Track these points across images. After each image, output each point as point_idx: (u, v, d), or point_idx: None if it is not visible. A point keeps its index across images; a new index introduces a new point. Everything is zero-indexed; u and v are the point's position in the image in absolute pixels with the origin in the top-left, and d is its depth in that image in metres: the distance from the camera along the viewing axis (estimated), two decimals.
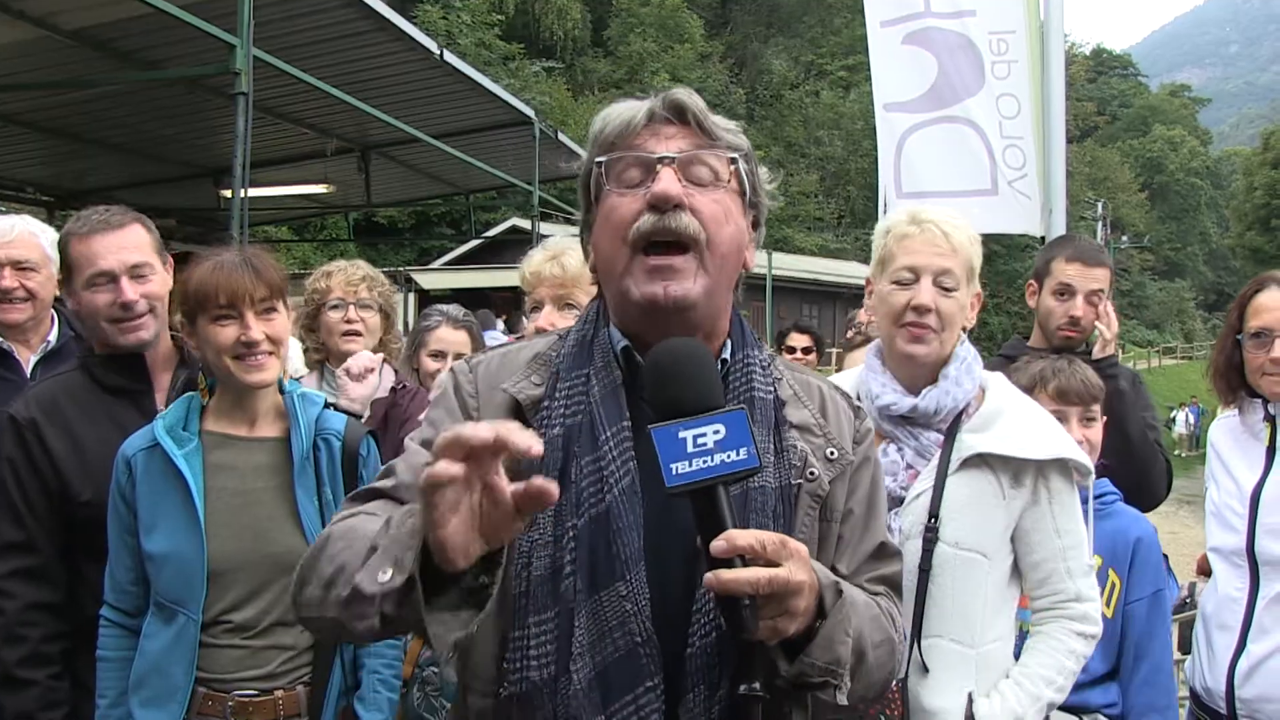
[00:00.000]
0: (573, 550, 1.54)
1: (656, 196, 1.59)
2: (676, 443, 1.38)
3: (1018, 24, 5.13)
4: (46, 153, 12.48)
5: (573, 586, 1.53)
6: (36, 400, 2.75)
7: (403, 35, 9.95)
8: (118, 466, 2.55)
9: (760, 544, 1.38)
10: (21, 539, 2.66)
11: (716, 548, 1.36)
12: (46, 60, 9.29)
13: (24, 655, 2.61)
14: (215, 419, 2.63)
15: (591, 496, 1.56)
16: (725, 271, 1.67)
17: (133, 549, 2.54)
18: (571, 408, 1.64)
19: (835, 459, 1.71)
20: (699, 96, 1.70)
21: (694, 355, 1.48)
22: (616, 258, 1.63)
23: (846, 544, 1.74)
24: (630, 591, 1.51)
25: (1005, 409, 2.51)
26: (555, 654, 1.53)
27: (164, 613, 2.50)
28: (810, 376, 1.84)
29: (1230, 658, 3.00)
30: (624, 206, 1.63)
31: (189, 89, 10.34)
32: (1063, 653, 2.48)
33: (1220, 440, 3.23)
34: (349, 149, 13.33)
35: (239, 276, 2.52)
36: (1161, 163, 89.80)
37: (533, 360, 1.75)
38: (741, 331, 1.77)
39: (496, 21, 43.16)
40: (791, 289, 34.62)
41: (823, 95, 58.94)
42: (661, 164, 1.62)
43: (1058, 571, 2.49)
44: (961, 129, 5.16)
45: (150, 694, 2.49)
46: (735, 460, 1.38)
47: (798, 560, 1.42)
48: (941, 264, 2.49)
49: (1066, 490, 2.50)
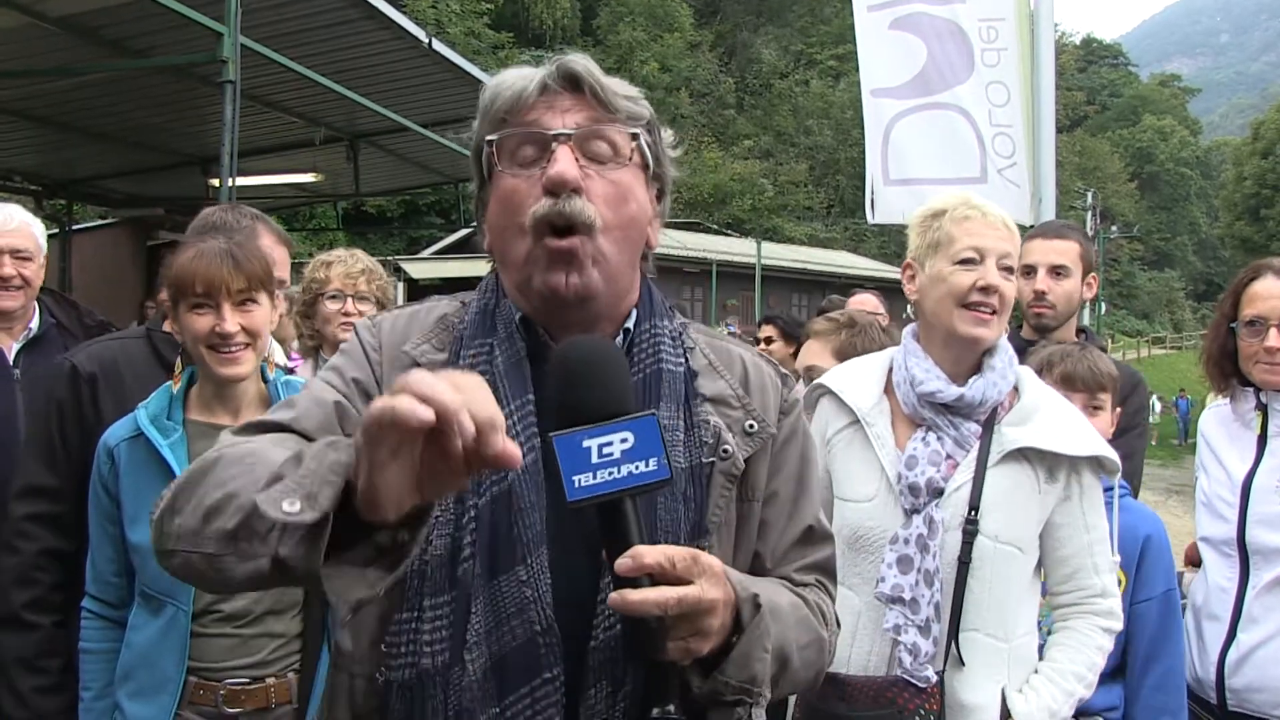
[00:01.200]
0: (473, 531, 1.44)
1: (552, 180, 1.48)
2: (580, 452, 1.27)
3: (1008, 11, 5.13)
4: (34, 141, 12.38)
5: (471, 570, 1.43)
6: (98, 358, 2.78)
7: (391, 24, 9.88)
8: (99, 456, 2.53)
9: (669, 561, 1.29)
10: (51, 484, 2.68)
11: (621, 566, 1.27)
12: (32, 48, 9.21)
13: (32, 598, 2.63)
14: (198, 408, 2.61)
15: (493, 474, 1.44)
16: (627, 253, 1.57)
17: (115, 540, 2.52)
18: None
19: (755, 431, 1.60)
20: (594, 63, 1.58)
21: (601, 356, 1.37)
22: (514, 243, 1.54)
23: (771, 528, 1.64)
24: (531, 577, 1.42)
25: (1042, 403, 2.51)
26: (449, 640, 1.42)
27: (151, 604, 2.48)
28: (732, 345, 1.73)
29: (1220, 648, 3.00)
30: (518, 188, 1.52)
31: (176, 77, 10.26)
32: (1091, 648, 2.48)
33: (1211, 429, 3.22)
34: (337, 138, 13.25)
35: (217, 266, 2.48)
36: (1151, 153, 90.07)
37: (439, 320, 1.64)
38: (650, 301, 1.66)
39: (486, 10, 43.02)
40: (781, 278, 34.64)
41: (812, 84, 58.92)
42: (557, 141, 1.51)
43: (1085, 567, 2.49)
44: (951, 116, 5.16)
45: (139, 685, 2.47)
46: (644, 472, 1.28)
47: (710, 577, 1.33)
48: (1005, 247, 2.48)
49: (1095, 486, 2.50)
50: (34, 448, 2.77)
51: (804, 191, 52.94)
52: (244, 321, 2.52)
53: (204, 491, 1.30)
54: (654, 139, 1.62)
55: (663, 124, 1.68)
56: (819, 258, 39.81)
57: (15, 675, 2.62)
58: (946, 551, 2.42)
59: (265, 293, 2.58)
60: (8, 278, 3.46)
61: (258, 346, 2.57)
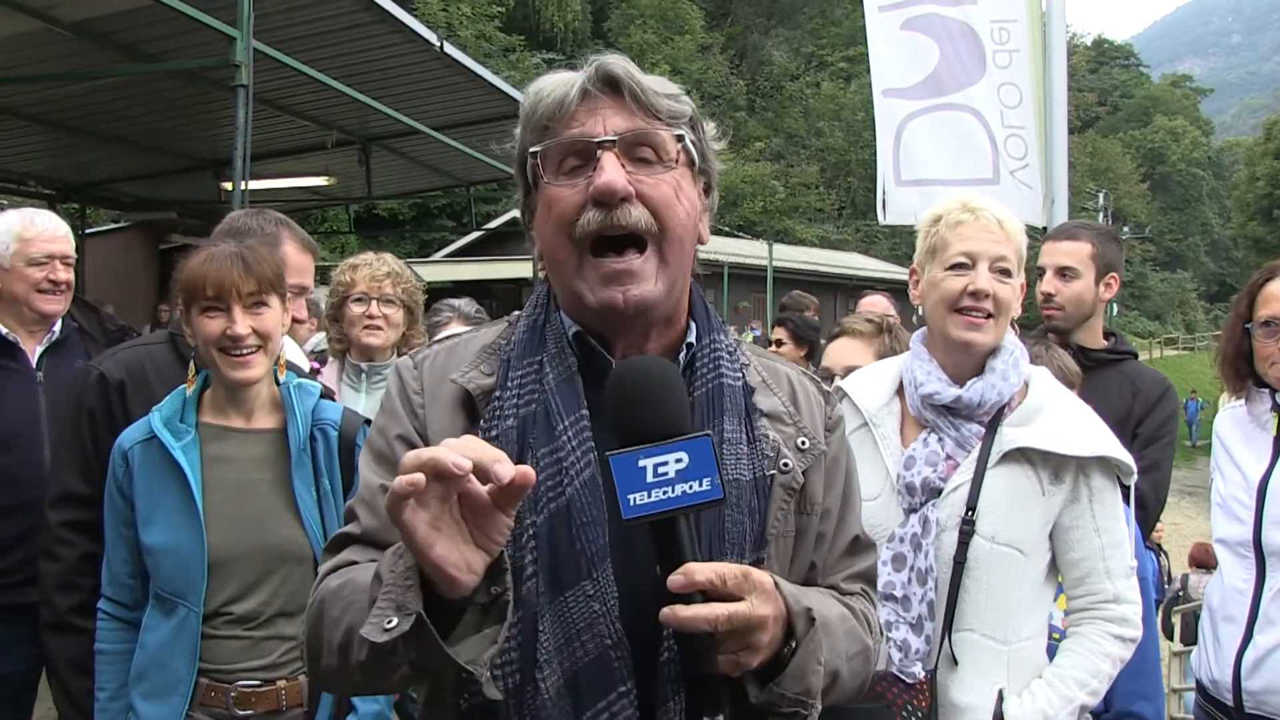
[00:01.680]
0: (533, 549, 1.44)
1: (600, 191, 1.46)
2: (635, 471, 1.29)
3: (1019, 13, 5.12)
4: (48, 146, 12.45)
5: (535, 589, 1.43)
6: (126, 365, 2.85)
7: (403, 27, 9.91)
8: (114, 460, 2.56)
9: (720, 578, 1.30)
10: (85, 492, 2.73)
11: (674, 583, 1.29)
12: (47, 53, 9.27)
13: (77, 603, 2.70)
14: (212, 411, 2.63)
15: (550, 490, 1.46)
16: (685, 257, 1.57)
17: (130, 542, 2.55)
18: (525, 397, 1.53)
19: (807, 449, 1.62)
20: (632, 64, 1.55)
21: (658, 376, 1.37)
22: (564, 256, 1.52)
23: (823, 540, 1.66)
24: (598, 591, 1.41)
25: (1048, 404, 2.49)
26: (520, 661, 1.43)
27: (164, 605, 2.50)
28: (778, 364, 1.75)
29: (1236, 650, 2.99)
30: (566, 199, 1.50)
31: (189, 81, 10.30)
32: (1098, 655, 2.44)
33: (1226, 431, 3.21)
34: (350, 141, 13.29)
35: (227, 269, 2.50)
36: (1163, 153, 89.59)
37: (482, 350, 1.64)
38: (706, 315, 1.66)
39: (497, 13, 43.03)
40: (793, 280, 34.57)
41: (823, 86, 58.85)
42: (602, 149, 1.48)
43: (1096, 571, 2.46)
44: (963, 117, 5.15)
45: (152, 686, 2.49)
46: (697, 491, 1.29)
47: (760, 593, 1.34)
48: (998, 250, 2.48)
49: (1108, 489, 2.47)
50: (67, 455, 2.82)
51: (815, 193, 52.84)
52: (255, 324, 2.53)
53: (330, 633, 1.42)
54: (698, 135, 1.60)
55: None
56: (830, 260, 39.74)
57: (68, 677, 2.71)
58: (943, 551, 2.43)
59: (276, 295, 2.60)
60: (59, 282, 3.54)
61: (269, 349, 2.58)
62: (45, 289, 3.52)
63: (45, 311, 3.55)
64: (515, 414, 1.52)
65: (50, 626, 2.75)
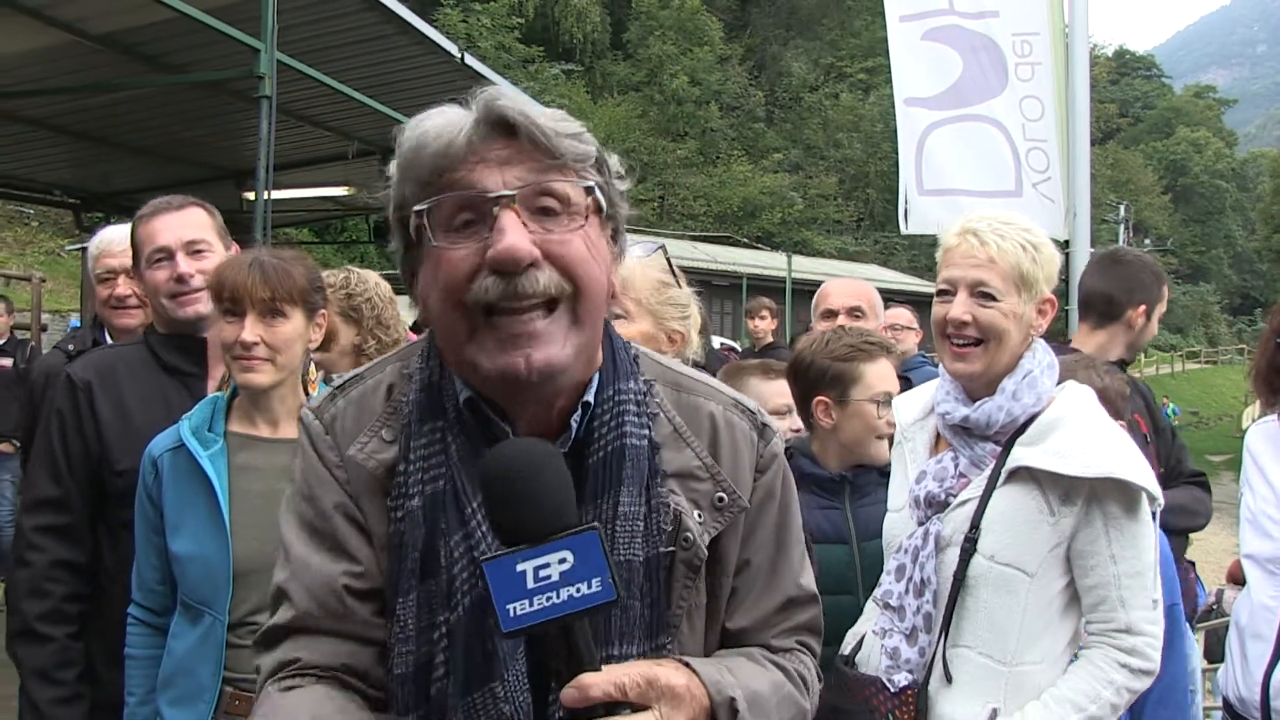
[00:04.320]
0: (445, 649, 1.31)
1: (500, 260, 1.26)
2: (513, 578, 1.15)
3: (1041, 26, 5.11)
4: (73, 156, 12.56)
5: (444, 688, 1.31)
6: (95, 365, 2.83)
7: (424, 39, 9.97)
8: (144, 467, 2.57)
9: (620, 690, 1.18)
10: (57, 495, 2.72)
11: (567, 698, 1.16)
12: (74, 65, 9.37)
13: (46, 610, 2.67)
14: (239, 420, 2.64)
15: (465, 583, 1.31)
16: (599, 316, 1.38)
17: (160, 549, 2.55)
18: (431, 472, 1.36)
19: (724, 505, 1.43)
20: (525, 98, 1.37)
21: (535, 465, 1.20)
22: (453, 324, 1.32)
23: (743, 597, 1.50)
24: (508, 693, 1.29)
25: (1063, 423, 2.41)
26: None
27: (190, 613, 2.51)
28: (701, 399, 1.52)
29: (1265, 668, 2.95)
30: (456, 263, 1.29)
31: (213, 92, 10.39)
32: (1100, 680, 2.35)
33: (1258, 445, 3.17)
34: (370, 151, 13.36)
35: (244, 276, 2.52)
36: (1185, 165, 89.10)
37: (386, 403, 1.45)
38: (614, 362, 1.45)
39: (516, 25, 43.30)
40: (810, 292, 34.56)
41: (842, 98, 58.80)
42: (499, 205, 1.28)
43: (1109, 599, 2.36)
44: (985, 128, 5.14)
45: (178, 693, 2.50)
46: (585, 595, 1.15)
47: (670, 700, 1.22)
48: (975, 275, 2.45)
49: (1127, 515, 2.35)
50: (39, 460, 2.79)
51: (834, 205, 52.81)
52: (265, 334, 2.53)
53: None
54: (605, 178, 1.39)
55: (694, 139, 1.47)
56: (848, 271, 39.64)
57: (33, 687, 2.66)
58: (945, 566, 2.42)
59: (299, 308, 2.60)
60: (122, 297, 3.53)
61: (279, 361, 2.57)
62: (114, 304, 3.53)
63: (118, 326, 3.54)
64: (421, 492, 1.36)
65: (18, 635, 2.69)
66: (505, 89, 1.34)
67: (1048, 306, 2.51)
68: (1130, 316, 3.75)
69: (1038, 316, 2.50)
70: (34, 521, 2.73)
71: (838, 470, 3.02)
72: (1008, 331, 2.45)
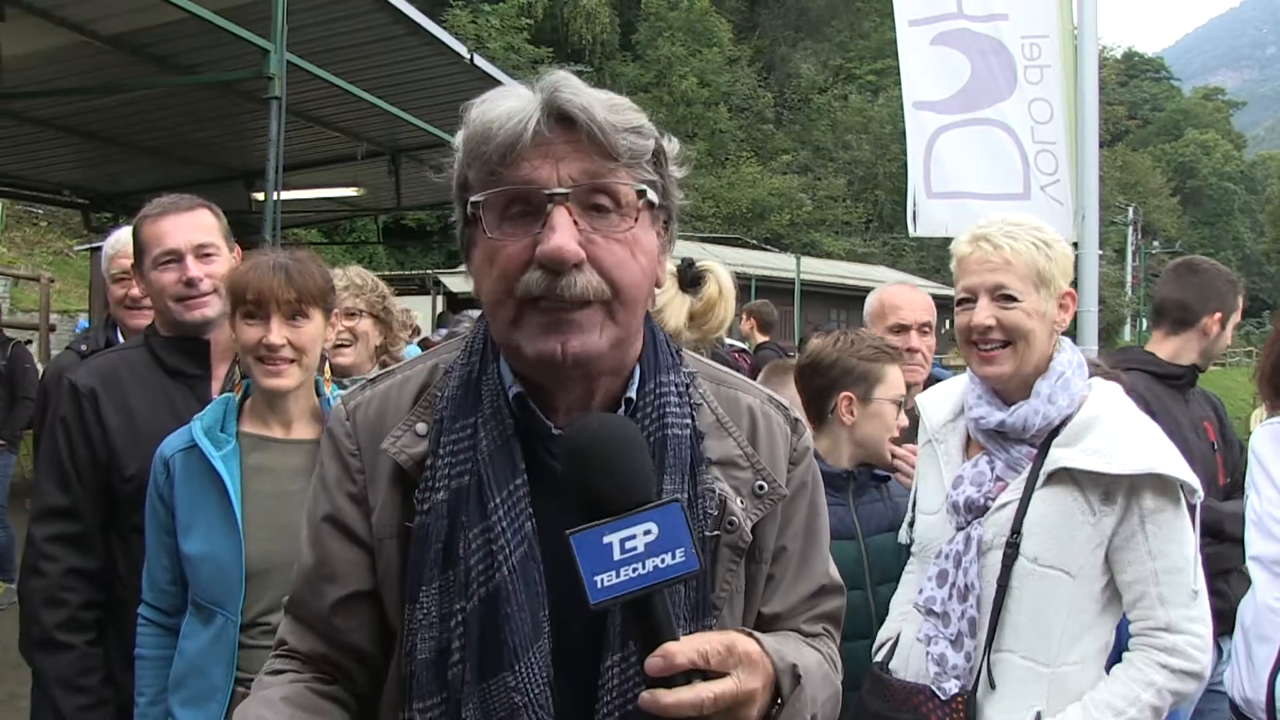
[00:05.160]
0: (460, 635, 1.37)
1: (549, 258, 1.31)
2: (600, 550, 1.18)
3: (1050, 28, 5.11)
4: (83, 156, 12.62)
5: (460, 674, 1.37)
6: (98, 371, 2.82)
7: (433, 40, 10.00)
8: (156, 467, 2.57)
9: (703, 657, 1.22)
10: (66, 504, 2.72)
11: (652, 667, 1.20)
12: (84, 65, 9.41)
13: (63, 619, 2.67)
14: (251, 420, 2.64)
15: (481, 575, 1.37)
16: (637, 314, 1.43)
17: (171, 549, 2.56)
18: (458, 466, 1.42)
19: (764, 493, 1.50)
20: (588, 92, 1.37)
21: (618, 439, 1.25)
22: (501, 307, 1.38)
23: (778, 584, 1.57)
24: (519, 682, 1.34)
25: (1098, 422, 2.41)
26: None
27: (202, 613, 2.52)
28: (740, 393, 1.59)
29: (1270, 669, 2.95)
30: (509, 255, 1.36)
31: (222, 93, 10.43)
32: (1140, 683, 2.32)
33: (1263, 447, 3.17)
34: (379, 152, 13.40)
35: (269, 278, 2.53)
36: (1194, 167, 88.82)
37: (417, 399, 1.51)
38: (654, 354, 1.51)
39: (525, 26, 43.33)
40: (819, 293, 34.49)
41: (851, 99, 58.74)
42: (554, 202, 1.33)
43: (1148, 596, 2.34)
44: (994, 132, 5.14)
45: (190, 694, 2.51)
46: (670, 565, 1.19)
47: (746, 666, 1.27)
48: (994, 279, 2.47)
49: (1166, 510, 2.34)
50: (46, 469, 2.78)
51: (842, 206, 52.73)
52: (291, 335, 2.55)
53: None
54: (661, 170, 1.44)
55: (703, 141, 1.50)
56: (857, 273, 39.59)
57: (58, 696, 2.67)
58: (987, 570, 2.42)
59: (319, 309, 2.62)
60: (137, 298, 3.51)
61: (304, 362, 2.60)
62: (128, 305, 3.54)
63: (132, 327, 3.54)
64: (447, 485, 1.42)
65: (38, 644, 2.70)
66: (569, 78, 1.37)
67: (1068, 300, 2.52)
68: (1205, 324, 3.85)
69: (1059, 312, 2.51)
70: (45, 531, 2.73)
71: (845, 468, 3.04)
72: (1033, 331, 2.47)
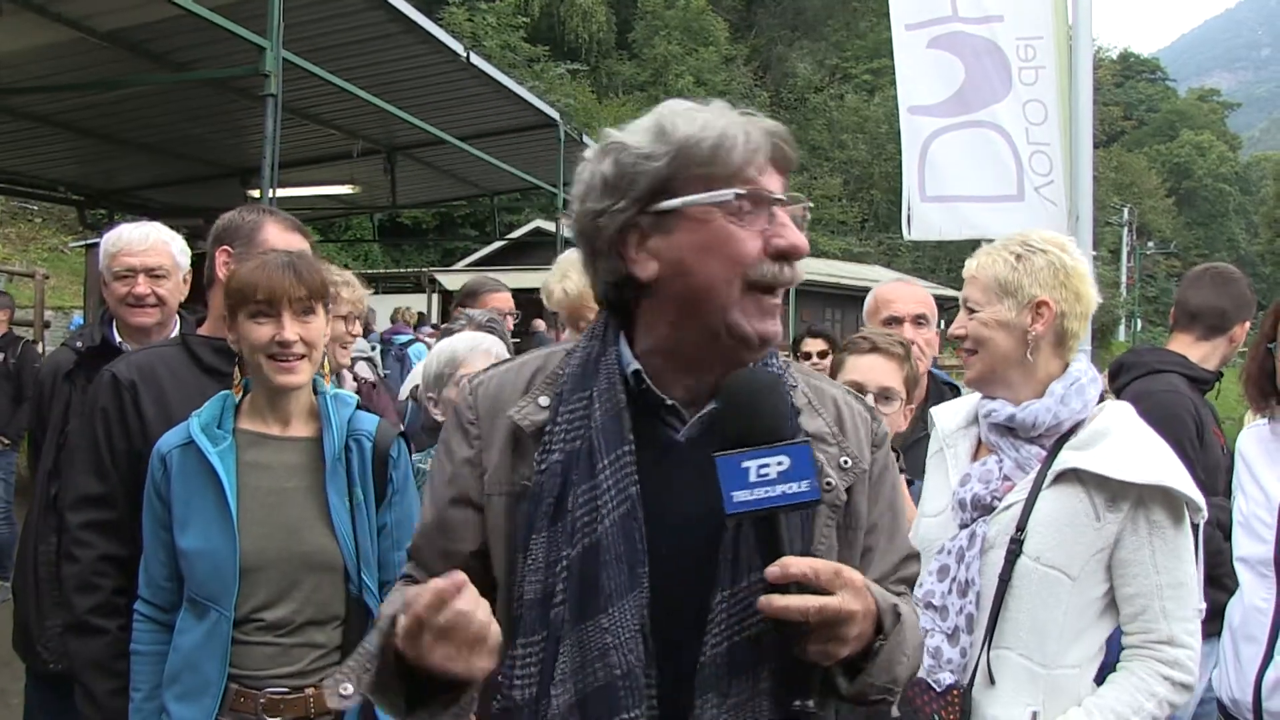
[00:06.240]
0: (564, 579, 1.54)
1: (794, 248, 1.58)
2: (739, 472, 1.43)
3: (1045, 30, 5.11)
4: (78, 152, 12.62)
5: (561, 615, 1.54)
6: (137, 365, 2.88)
7: (429, 38, 10.00)
8: (153, 463, 2.60)
9: (814, 572, 1.42)
10: (101, 492, 2.76)
11: (770, 573, 1.42)
12: (80, 62, 9.40)
13: (96, 604, 2.71)
14: (249, 418, 2.66)
15: (585, 526, 1.55)
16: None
17: (167, 545, 2.58)
18: (572, 433, 1.61)
19: (849, 467, 1.69)
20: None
21: (766, 386, 1.53)
22: (724, 289, 1.57)
23: (874, 554, 1.74)
24: (612, 625, 1.51)
25: (1112, 430, 2.45)
26: (539, 676, 1.54)
27: (197, 609, 2.54)
28: (824, 384, 1.80)
29: (1257, 669, 2.98)
30: (744, 242, 1.57)
31: (218, 90, 10.44)
32: (1143, 692, 2.36)
33: (1249, 449, 3.20)
34: (375, 150, 13.42)
35: (280, 276, 2.55)
36: (1189, 168, 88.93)
37: (536, 379, 1.71)
38: None
39: (522, 24, 43.26)
40: (814, 292, 34.54)
41: (847, 99, 58.71)
42: (780, 205, 1.60)
43: (1151, 609, 2.38)
44: (988, 134, 5.15)
45: (184, 689, 2.52)
46: (797, 492, 1.43)
47: (851, 589, 1.44)
48: (965, 292, 2.62)
49: (1171, 525, 2.39)
50: (82, 457, 2.84)
51: (838, 206, 52.72)
52: (302, 332, 2.58)
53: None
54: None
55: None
56: (853, 272, 39.62)
57: (89, 679, 2.71)
58: (990, 568, 2.44)
59: (322, 305, 2.66)
60: (142, 296, 3.54)
61: (313, 357, 2.63)
62: (131, 303, 3.54)
63: (133, 325, 3.56)
64: (562, 449, 1.60)
65: (71, 628, 2.77)
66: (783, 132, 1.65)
67: (1044, 309, 2.52)
68: (1236, 331, 3.96)
69: (1033, 321, 2.52)
70: (80, 518, 2.78)
71: None
72: (991, 339, 2.54)
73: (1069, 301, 2.53)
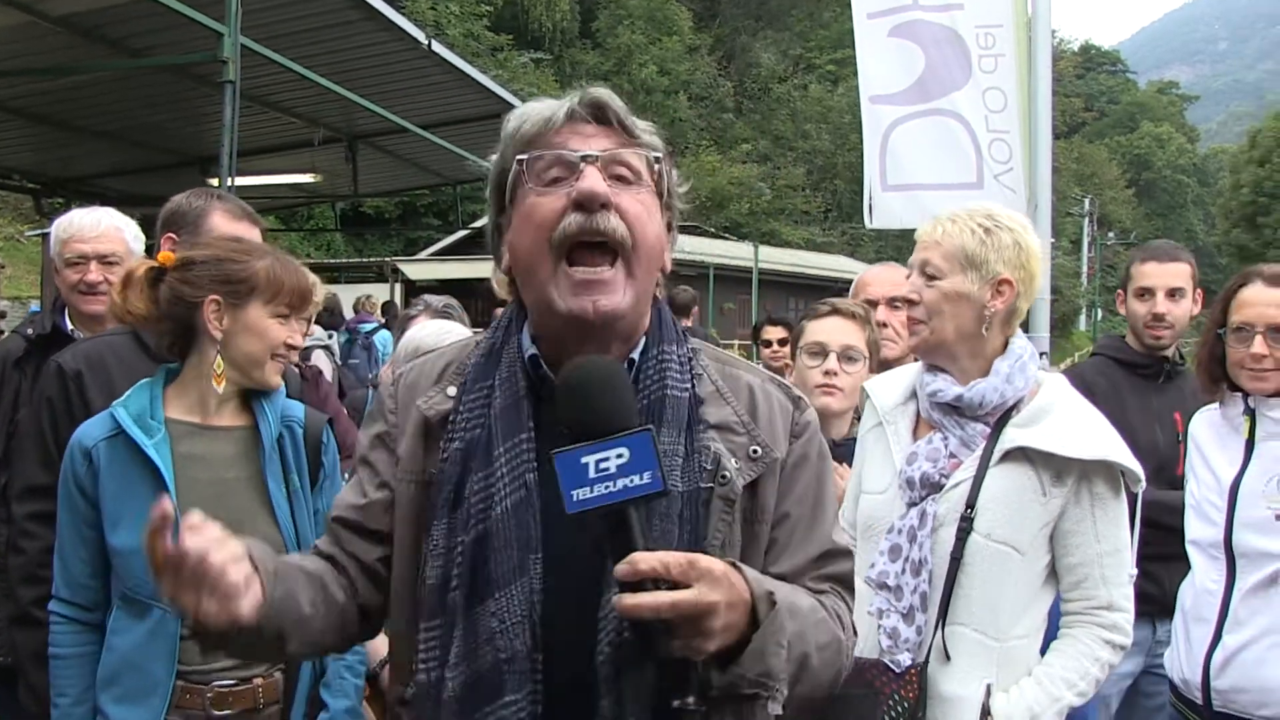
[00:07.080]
0: (459, 564, 1.56)
1: (583, 194, 1.55)
2: (578, 468, 1.37)
3: (1005, 18, 5.15)
4: (33, 140, 12.40)
5: (456, 600, 1.56)
6: (84, 354, 2.84)
7: (391, 25, 9.91)
8: (74, 457, 2.50)
9: (664, 566, 1.35)
10: (48, 483, 2.69)
11: (619, 571, 1.35)
12: (33, 46, 9.24)
13: (41, 595, 2.65)
14: (178, 407, 2.58)
15: (479, 513, 1.56)
16: (651, 275, 1.66)
17: (91, 542, 2.50)
18: (473, 421, 1.63)
19: (759, 457, 1.65)
20: (617, 97, 1.67)
21: (603, 375, 1.47)
22: (538, 263, 1.59)
23: (782, 548, 1.69)
24: (499, 610, 1.52)
25: (1055, 407, 2.51)
26: (438, 659, 1.57)
27: (135, 607, 2.46)
28: (743, 371, 1.77)
29: (1206, 649, 3.03)
30: (546, 205, 1.58)
31: (175, 76, 10.29)
32: (1088, 658, 2.46)
33: (1201, 433, 3.25)
34: (336, 138, 13.28)
35: (305, 281, 2.56)
36: (1149, 159, 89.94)
37: (447, 369, 1.74)
38: (659, 326, 1.72)
39: (485, 12, 42.96)
40: (778, 282, 34.66)
41: (811, 89, 58.81)
42: (585, 162, 1.58)
43: (1092, 577, 2.48)
44: (947, 122, 5.18)
45: (125, 690, 2.45)
46: (638, 485, 1.36)
47: (708, 580, 1.38)
48: (923, 256, 2.60)
49: (1111, 496, 2.48)
50: (30, 447, 2.80)
51: (802, 196, 52.84)
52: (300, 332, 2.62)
53: None
54: (668, 168, 1.70)
55: (663, 129, 1.74)
56: (816, 261, 39.81)
57: (30, 671, 2.66)
58: (941, 546, 2.47)
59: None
60: (94, 283, 3.47)
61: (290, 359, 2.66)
62: (83, 290, 3.48)
63: (85, 312, 3.50)
64: (463, 438, 1.63)
65: (15, 620, 2.73)
66: (601, 89, 1.66)
67: (1005, 288, 2.55)
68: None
69: (993, 298, 2.54)
70: (26, 509, 2.74)
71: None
72: (947, 310, 2.55)
73: (1025, 283, 2.57)
